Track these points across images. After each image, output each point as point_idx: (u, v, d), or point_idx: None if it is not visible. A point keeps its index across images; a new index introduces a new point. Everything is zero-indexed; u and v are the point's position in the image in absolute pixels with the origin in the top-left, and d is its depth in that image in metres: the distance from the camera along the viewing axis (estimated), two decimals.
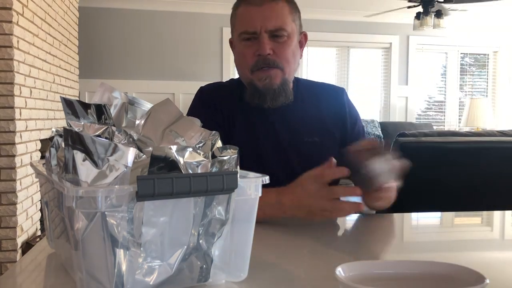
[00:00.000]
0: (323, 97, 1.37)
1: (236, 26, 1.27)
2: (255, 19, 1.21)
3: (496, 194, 1.88)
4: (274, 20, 1.21)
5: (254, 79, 1.25)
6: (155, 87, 5.05)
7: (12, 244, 2.58)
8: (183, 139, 0.69)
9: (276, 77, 1.24)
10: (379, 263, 0.68)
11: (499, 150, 1.94)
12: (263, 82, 1.23)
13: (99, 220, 0.56)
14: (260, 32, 1.21)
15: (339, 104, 1.36)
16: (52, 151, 0.70)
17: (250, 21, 1.22)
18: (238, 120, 1.30)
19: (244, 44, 1.25)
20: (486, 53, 6.06)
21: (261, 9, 1.21)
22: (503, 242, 1.06)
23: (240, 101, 1.32)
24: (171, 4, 5.06)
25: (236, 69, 1.33)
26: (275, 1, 1.23)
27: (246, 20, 1.23)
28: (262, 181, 0.68)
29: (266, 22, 1.21)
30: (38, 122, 2.96)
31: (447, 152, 1.92)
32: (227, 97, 1.34)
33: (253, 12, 1.22)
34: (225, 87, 1.41)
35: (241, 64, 1.29)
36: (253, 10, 1.22)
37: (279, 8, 1.23)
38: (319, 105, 1.35)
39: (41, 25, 3.00)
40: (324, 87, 1.42)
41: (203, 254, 0.64)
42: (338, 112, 1.35)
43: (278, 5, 1.23)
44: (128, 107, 0.75)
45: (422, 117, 5.97)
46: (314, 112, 1.33)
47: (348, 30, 5.49)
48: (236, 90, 1.35)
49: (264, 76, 1.23)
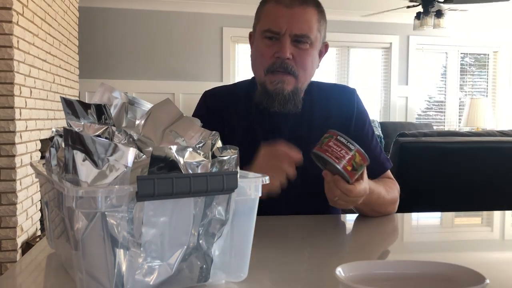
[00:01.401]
0: (333, 99, 1.34)
1: (261, 22, 1.24)
2: (281, 20, 1.18)
3: (496, 194, 1.88)
4: (300, 25, 1.18)
5: (266, 81, 1.23)
6: (155, 87, 5.05)
7: (12, 244, 2.58)
8: (183, 139, 0.69)
9: (289, 84, 1.21)
10: (379, 263, 0.68)
11: (499, 150, 1.94)
12: (274, 86, 1.21)
13: (99, 220, 0.56)
14: (284, 34, 1.18)
15: (348, 105, 1.33)
16: (52, 151, 0.70)
17: (276, 20, 1.19)
18: (241, 123, 1.30)
19: (265, 43, 1.22)
20: (486, 53, 6.06)
21: (290, 11, 1.18)
22: (503, 242, 1.06)
23: (247, 104, 1.31)
24: (171, 4, 5.06)
25: (251, 63, 1.30)
26: (305, 7, 1.20)
27: (272, 18, 1.20)
28: (262, 181, 0.68)
29: (293, 25, 1.18)
30: (38, 122, 2.96)
31: (447, 152, 1.92)
32: (231, 101, 1.33)
33: (281, 12, 1.19)
34: (230, 90, 1.38)
35: (257, 62, 1.26)
36: (282, 10, 1.19)
37: (308, 14, 1.20)
38: (328, 107, 1.32)
39: (41, 25, 3.00)
40: (334, 88, 1.39)
41: (203, 254, 0.64)
42: (346, 113, 1.32)
43: (307, 11, 1.20)
44: (128, 107, 0.75)
45: (422, 117, 5.97)
46: (323, 117, 1.30)
47: (348, 30, 5.49)
48: (244, 92, 1.34)
49: (277, 80, 1.21)
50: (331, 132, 0.99)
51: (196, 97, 1.48)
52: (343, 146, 0.96)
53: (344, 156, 0.96)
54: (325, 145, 0.98)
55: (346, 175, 0.97)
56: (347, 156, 0.96)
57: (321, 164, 1.02)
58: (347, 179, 0.98)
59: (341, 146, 0.97)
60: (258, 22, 1.26)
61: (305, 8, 1.19)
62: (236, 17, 5.12)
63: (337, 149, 0.96)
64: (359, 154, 0.97)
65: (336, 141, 0.97)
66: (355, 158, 0.97)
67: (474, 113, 5.34)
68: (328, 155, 0.96)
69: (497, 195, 1.87)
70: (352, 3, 5.10)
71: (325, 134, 1.01)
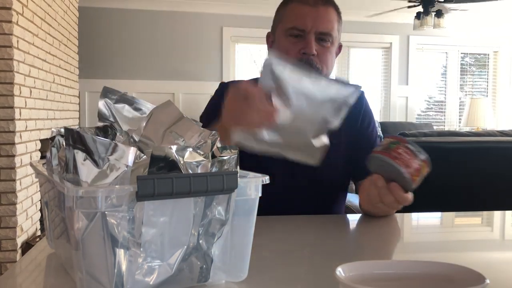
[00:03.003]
0: None
1: (284, 21, 1.27)
2: (307, 18, 1.22)
3: (496, 194, 1.88)
4: (325, 24, 1.23)
5: None
6: (155, 87, 5.05)
7: (12, 244, 2.58)
8: (183, 139, 0.69)
9: None
10: (379, 263, 0.68)
11: (499, 150, 1.94)
12: None
13: (99, 220, 0.56)
14: (310, 31, 1.22)
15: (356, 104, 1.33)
16: (53, 151, 0.70)
17: (302, 18, 1.23)
18: None
19: (290, 40, 1.25)
20: (486, 53, 6.06)
21: (315, 9, 1.23)
22: (503, 242, 1.06)
23: None
24: (171, 4, 5.06)
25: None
26: (328, 6, 1.25)
27: (298, 16, 1.24)
28: (262, 181, 0.68)
29: (318, 23, 1.22)
30: (38, 122, 2.96)
31: (447, 152, 1.92)
32: None
33: (306, 10, 1.23)
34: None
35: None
36: (306, 9, 1.23)
37: (331, 14, 1.25)
38: None
39: (40, 25, 3.00)
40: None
41: (203, 254, 0.64)
42: (353, 112, 1.33)
43: (329, 10, 1.25)
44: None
45: (422, 117, 5.97)
46: None
47: (348, 30, 5.48)
48: None
49: None
50: (398, 138, 0.98)
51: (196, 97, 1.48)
52: (413, 155, 0.96)
53: (413, 165, 0.95)
54: (394, 152, 0.96)
55: (412, 184, 0.96)
56: (415, 165, 0.95)
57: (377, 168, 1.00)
58: (409, 188, 0.97)
59: (411, 155, 0.96)
60: (280, 22, 1.29)
61: (328, 7, 1.25)
62: (236, 17, 5.12)
63: (407, 157, 0.95)
64: (426, 163, 0.97)
65: (406, 149, 0.96)
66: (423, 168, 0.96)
67: (474, 113, 5.34)
68: (398, 162, 0.95)
69: (497, 195, 1.87)
70: (352, 3, 5.10)
71: (388, 139, 0.99)
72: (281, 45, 1.27)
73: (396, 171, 0.95)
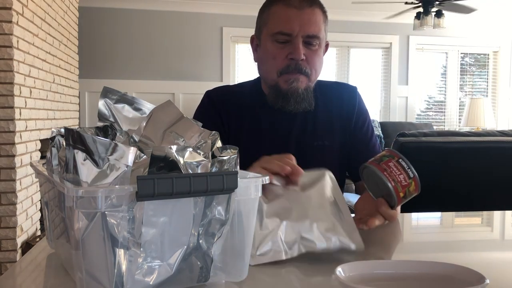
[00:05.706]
0: (335, 96, 1.35)
1: (270, 25, 1.23)
2: (293, 22, 1.19)
3: (496, 194, 1.88)
4: (312, 26, 1.20)
5: (279, 81, 1.23)
6: (155, 87, 5.05)
7: (12, 244, 2.58)
8: (183, 139, 0.69)
9: (302, 82, 1.22)
10: (379, 263, 0.68)
11: (499, 150, 1.94)
12: (289, 85, 1.22)
13: (99, 220, 0.56)
14: (297, 35, 1.19)
15: (350, 102, 1.35)
16: (54, 151, 0.70)
17: (288, 22, 1.19)
18: (246, 120, 1.30)
19: (276, 46, 1.22)
20: (486, 53, 6.06)
21: (301, 13, 1.19)
22: (503, 242, 1.06)
23: (252, 102, 1.31)
24: (171, 4, 5.06)
25: (259, 67, 1.30)
26: (313, 8, 1.21)
27: (283, 20, 1.20)
28: (262, 181, 0.68)
29: (305, 27, 1.19)
30: (38, 122, 2.96)
31: (447, 152, 1.92)
32: (236, 98, 1.33)
33: (291, 14, 1.19)
34: (235, 89, 1.39)
35: (268, 64, 1.25)
36: (292, 12, 1.19)
37: (317, 16, 1.21)
38: (330, 105, 1.33)
39: (41, 25, 3.00)
40: (336, 86, 1.40)
41: (203, 254, 0.64)
42: (347, 110, 1.34)
43: (315, 12, 1.21)
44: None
45: (422, 117, 5.97)
46: (325, 114, 1.31)
47: (348, 30, 5.49)
48: (249, 91, 1.34)
49: (292, 78, 1.21)
50: (392, 152, 0.96)
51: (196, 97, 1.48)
52: (403, 171, 0.93)
53: (401, 181, 0.93)
54: (384, 164, 0.94)
55: (396, 200, 0.94)
56: (404, 182, 0.93)
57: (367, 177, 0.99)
58: (393, 203, 0.95)
59: (401, 170, 0.93)
60: (264, 25, 1.25)
61: (313, 9, 1.21)
62: (236, 17, 5.12)
63: (396, 171, 0.93)
64: (415, 183, 0.94)
65: (397, 163, 0.94)
66: (410, 186, 0.94)
67: (474, 113, 5.34)
68: (386, 175, 0.93)
69: (497, 195, 1.87)
70: (353, 4, 5.10)
71: (384, 152, 0.98)
72: (268, 51, 1.24)
73: (382, 183, 0.94)
